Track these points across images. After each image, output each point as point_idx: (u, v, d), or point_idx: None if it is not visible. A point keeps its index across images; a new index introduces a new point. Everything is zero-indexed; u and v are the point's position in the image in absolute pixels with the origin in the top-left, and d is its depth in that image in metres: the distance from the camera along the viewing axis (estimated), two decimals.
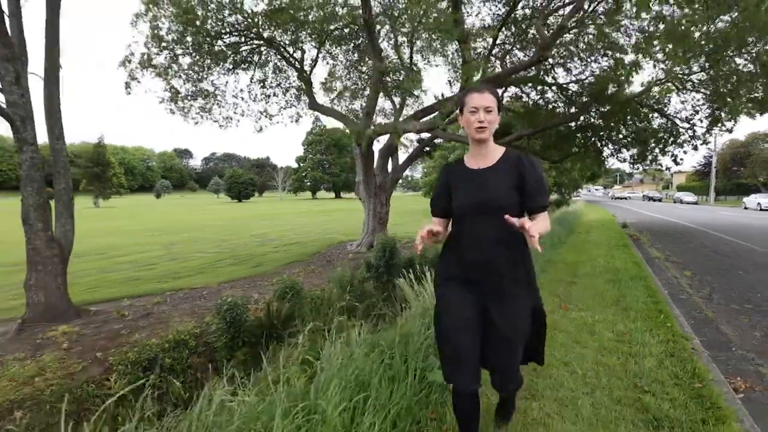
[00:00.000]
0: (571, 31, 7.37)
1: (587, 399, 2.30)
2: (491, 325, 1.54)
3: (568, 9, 8.08)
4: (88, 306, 4.94)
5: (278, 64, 10.72)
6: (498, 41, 8.57)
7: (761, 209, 23.26)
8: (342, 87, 12.12)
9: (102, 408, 2.08)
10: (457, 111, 1.65)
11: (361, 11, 8.08)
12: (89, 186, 35.77)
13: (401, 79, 9.89)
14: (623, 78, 6.66)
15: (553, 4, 8.00)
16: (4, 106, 3.98)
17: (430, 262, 5.41)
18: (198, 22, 8.55)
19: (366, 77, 11.56)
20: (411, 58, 10.01)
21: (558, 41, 7.56)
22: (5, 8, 4.08)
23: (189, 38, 8.70)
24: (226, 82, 10.26)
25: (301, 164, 64.59)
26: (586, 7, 6.97)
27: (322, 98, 11.65)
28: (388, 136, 9.15)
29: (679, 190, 43.83)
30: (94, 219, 23.48)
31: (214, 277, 6.89)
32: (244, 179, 49.40)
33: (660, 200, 40.89)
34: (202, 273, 7.25)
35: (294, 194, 69.00)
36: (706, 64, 7.42)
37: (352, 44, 10.39)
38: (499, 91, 6.57)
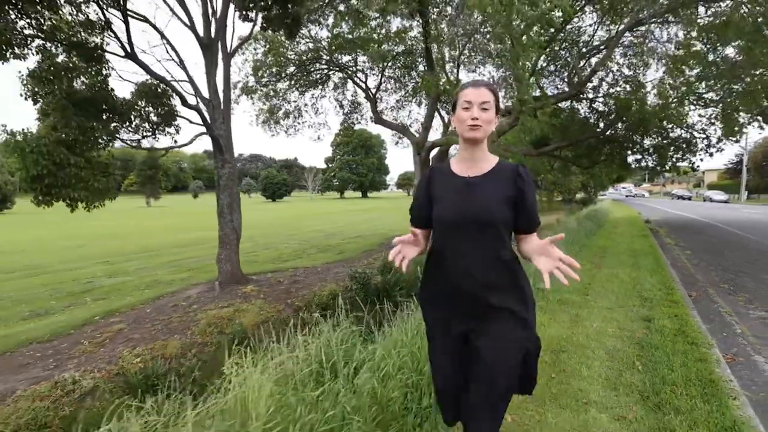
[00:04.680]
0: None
1: (613, 295, 4.77)
2: (473, 353, 1.37)
3: (598, 41, 9.66)
4: (250, 276, 6.88)
5: (336, 82, 12.65)
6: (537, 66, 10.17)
7: None
8: (393, 101, 13.94)
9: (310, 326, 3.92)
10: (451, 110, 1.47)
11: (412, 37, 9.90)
12: (142, 187, 38.90)
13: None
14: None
15: (584, 38, 9.59)
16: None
17: None
18: (285, 52, 10.56)
19: (412, 92, 13.31)
20: (457, 75, 11.71)
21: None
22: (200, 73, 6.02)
23: (276, 67, 10.72)
24: (296, 99, 12.29)
25: (330, 165, 67.16)
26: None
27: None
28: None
29: (710, 188, 43.43)
30: (165, 217, 26.21)
31: (312, 260, 8.77)
32: (278, 180, 52.36)
33: (689, 198, 40.41)
34: (300, 258, 9.16)
35: (321, 194, 71.68)
36: (718, 84, 8.83)
37: (401, 62, 12.04)
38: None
